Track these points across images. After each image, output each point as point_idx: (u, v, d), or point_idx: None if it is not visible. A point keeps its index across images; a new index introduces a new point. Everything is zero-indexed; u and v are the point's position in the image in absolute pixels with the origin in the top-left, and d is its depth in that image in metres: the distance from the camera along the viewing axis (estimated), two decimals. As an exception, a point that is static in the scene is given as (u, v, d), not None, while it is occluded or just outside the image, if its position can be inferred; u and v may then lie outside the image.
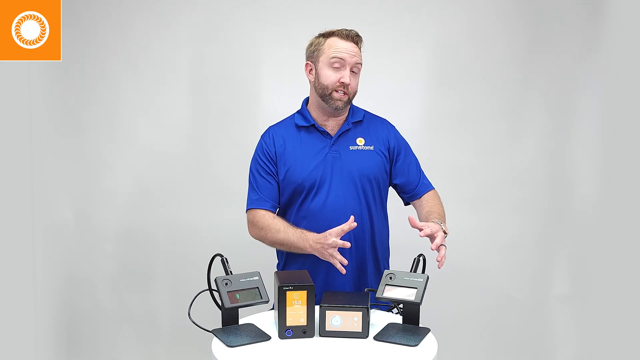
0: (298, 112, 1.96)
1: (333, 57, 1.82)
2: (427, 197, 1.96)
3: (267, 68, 2.61)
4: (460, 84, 2.63)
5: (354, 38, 1.84)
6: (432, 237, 1.69)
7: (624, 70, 2.30)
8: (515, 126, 2.65)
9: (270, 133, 1.95)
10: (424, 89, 2.65)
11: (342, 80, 1.81)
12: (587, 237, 2.60)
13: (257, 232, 1.89)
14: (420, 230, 1.67)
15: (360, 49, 1.86)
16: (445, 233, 1.74)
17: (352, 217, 1.70)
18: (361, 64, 1.86)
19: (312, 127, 1.90)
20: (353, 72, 1.84)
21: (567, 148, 2.65)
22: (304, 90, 1.97)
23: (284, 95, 2.53)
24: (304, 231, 1.80)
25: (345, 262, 1.71)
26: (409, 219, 1.69)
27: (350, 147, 1.88)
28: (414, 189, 1.97)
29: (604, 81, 2.48)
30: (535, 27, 2.59)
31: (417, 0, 2.60)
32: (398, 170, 1.96)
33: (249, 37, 2.59)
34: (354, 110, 1.95)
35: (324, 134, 1.89)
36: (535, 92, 2.62)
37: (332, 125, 1.90)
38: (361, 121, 1.94)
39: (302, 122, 1.91)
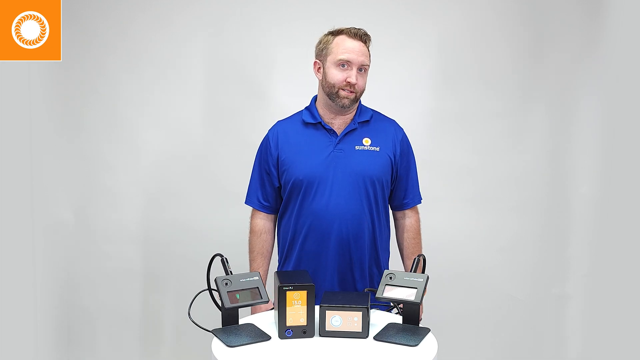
0: (306, 108, 1.95)
1: (340, 59, 1.81)
2: (408, 227, 1.99)
3: (273, 67, 2.60)
4: (461, 84, 2.63)
5: (362, 37, 1.83)
6: None
7: (624, 70, 2.31)
8: (516, 126, 2.65)
9: (276, 130, 1.95)
10: (424, 89, 2.64)
11: (348, 80, 1.80)
12: (587, 237, 2.60)
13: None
14: None
15: (368, 47, 1.86)
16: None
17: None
18: (369, 63, 1.86)
19: (319, 125, 1.89)
20: (361, 70, 1.83)
21: (567, 148, 2.65)
22: (310, 89, 1.97)
23: (284, 95, 2.55)
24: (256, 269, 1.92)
25: None
26: None
27: (356, 146, 1.87)
28: (400, 201, 1.99)
29: (604, 81, 2.49)
30: (535, 27, 2.59)
31: (419, 1, 2.60)
32: (395, 179, 1.95)
33: (253, 36, 2.58)
34: (361, 109, 1.93)
35: (330, 132, 1.88)
36: (536, 92, 2.62)
37: (338, 124, 1.89)
38: (368, 121, 1.92)
39: (309, 119, 1.90)
